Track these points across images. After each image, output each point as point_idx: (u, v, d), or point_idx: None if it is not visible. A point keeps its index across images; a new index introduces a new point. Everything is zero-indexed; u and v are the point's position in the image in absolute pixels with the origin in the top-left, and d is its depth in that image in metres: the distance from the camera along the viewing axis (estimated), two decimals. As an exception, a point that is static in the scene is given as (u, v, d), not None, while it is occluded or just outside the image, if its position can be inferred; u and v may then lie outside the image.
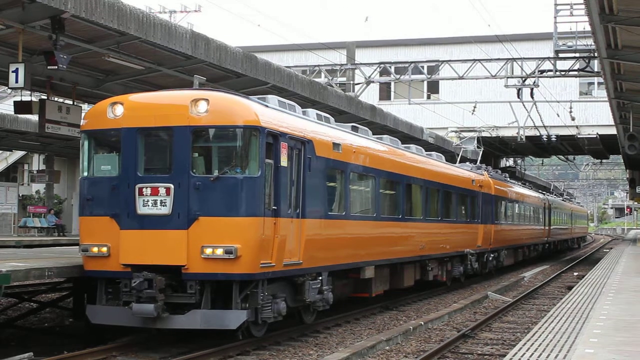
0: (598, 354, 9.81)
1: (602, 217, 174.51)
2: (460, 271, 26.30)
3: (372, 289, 18.71)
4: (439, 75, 36.89)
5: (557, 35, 33.79)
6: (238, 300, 12.91)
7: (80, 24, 15.56)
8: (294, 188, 14.17)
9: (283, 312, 14.00)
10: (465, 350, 14.96)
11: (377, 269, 18.49)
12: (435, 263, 23.62)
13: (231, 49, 19.86)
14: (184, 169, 13.03)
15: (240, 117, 13.17)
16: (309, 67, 35.85)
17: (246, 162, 13.15)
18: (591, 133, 45.53)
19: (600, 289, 18.79)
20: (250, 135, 13.11)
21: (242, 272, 12.79)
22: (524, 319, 19.79)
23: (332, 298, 15.92)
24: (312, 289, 14.94)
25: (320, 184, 15.29)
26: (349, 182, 16.78)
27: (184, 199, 12.91)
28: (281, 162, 13.65)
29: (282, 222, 13.64)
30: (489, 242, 29.58)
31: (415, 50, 48.58)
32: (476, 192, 28.15)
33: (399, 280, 20.67)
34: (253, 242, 12.89)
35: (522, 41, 45.21)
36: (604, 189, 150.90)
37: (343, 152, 16.33)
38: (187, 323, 12.79)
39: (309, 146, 14.72)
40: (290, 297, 14.62)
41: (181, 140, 13.08)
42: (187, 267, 12.80)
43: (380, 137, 20.56)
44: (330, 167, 15.80)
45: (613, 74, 23.61)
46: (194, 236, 12.80)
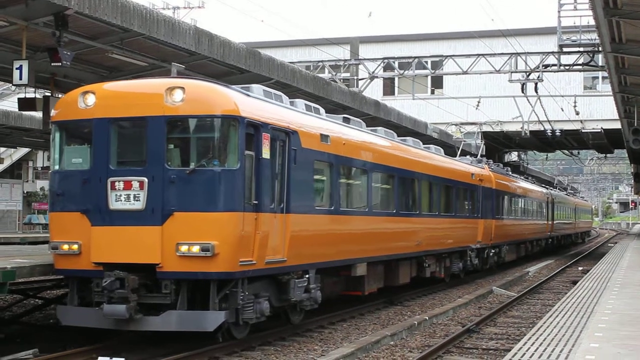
0: (603, 349, 9.81)
1: (607, 211, 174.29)
2: (460, 267, 25.79)
3: (365, 287, 18.09)
4: (442, 70, 36.84)
5: (561, 30, 33.73)
6: (216, 301, 12.25)
7: (84, 20, 15.55)
8: (278, 181, 13.51)
9: (266, 312, 13.35)
10: (470, 345, 14.97)
11: (370, 265, 17.79)
12: (433, 259, 22.98)
13: (235, 44, 19.84)
14: (158, 161, 12.39)
15: (218, 106, 12.52)
16: (313, 63, 35.86)
17: (224, 154, 12.47)
18: (595, 127, 45.46)
19: (605, 284, 18.78)
20: (229, 126, 12.45)
21: (219, 270, 12.17)
22: (528, 313, 19.78)
23: (320, 297, 15.26)
24: (297, 288, 14.28)
25: (307, 177, 14.64)
26: (339, 175, 16.12)
27: (158, 193, 12.26)
28: (263, 154, 12.96)
29: (264, 217, 12.96)
30: (490, 238, 29.06)
31: (419, 45, 48.51)
32: (476, 186, 27.56)
33: (394, 278, 20.04)
34: (232, 238, 12.25)
35: (526, 36, 45.13)
36: (608, 183, 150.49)
37: (332, 144, 15.64)
38: (162, 325, 12.21)
39: (294, 137, 14.03)
40: (275, 297, 13.97)
41: (155, 131, 12.45)
42: (162, 265, 12.18)
43: (375, 129, 19.95)
44: (317, 159, 15.10)
45: (617, 68, 23.57)
46: (169, 233, 12.17)
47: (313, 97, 24.16)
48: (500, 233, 30.89)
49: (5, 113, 30.79)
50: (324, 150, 15.29)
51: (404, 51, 45.41)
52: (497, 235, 30.21)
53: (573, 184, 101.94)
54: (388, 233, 19.14)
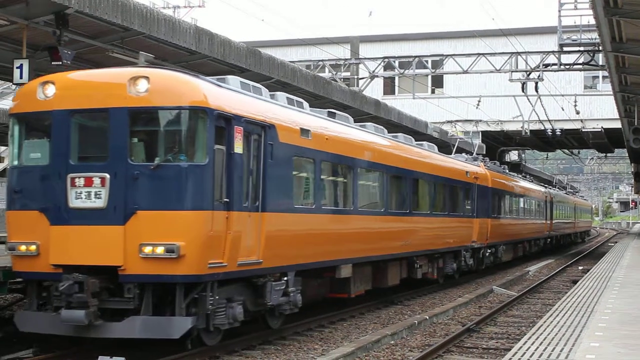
0: (603, 348, 9.81)
1: (607, 211, 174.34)
2: (454, 268, 25.01)
3: (352, 289, 17.33)
4: (443, 70, 36.82)
5: (562, 29, 33.72)
6: (183, 306, 11.45)
7: (84, 19, 15.57)
8: (252, 178, 12.69)
9: (240, 317, 12.57)
10: (470, 345, 14.97)
11: (356, 267, 17.02)
12: (425, 260, 22.15)
13: (235, 44, 19.86)
14: (121, 156, 11.58)
15: (185, 96, 11.70)
16: (313, 62, 35.84)
17: (192, 148, 11.70)
18: (596, 127, 45.45)
19: (605, 283, 18.79)
20: (197, 118, 11.67)
21: (186, 273, 11.36)
22: (529, 313, 19.78)
23: (300, 300, 14.49)
24: (275, 291, 13.46)
25: (285, 173, 13.78)
26: (321, 172, 15.27)
27: (121, 191, 11.47)
28: (235, 149, 12.17)
29: (236, 216, 12.17)
30: (486, 237, 28.28)
31: (420, 44, 48.50)
32: (471, 184, 26.77)
33: (382, 279, 19.20)
34: (199, 239, 11.47)
35: (526, 35, 45.13)
36: (608, 182, 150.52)
37: (313, 139, 14.78)
38: (124, 331, 11.38)
39: (271, 131, 13.21)
40: (250, 301, 13.20)
41: (118, 124, 11.64)
42: (124, 267, 11.38)
43: (364, 124, 19.24)
44: (297, 155, 14.24)
45: (618, 67, 23.59)
46: (132, 233, 11.37)
47: (313, 96, 24.17)
48: (497, 232, 30.19)
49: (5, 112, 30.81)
50: (304, 145, 14.48)
51: (404, 50, 45.41)
52: (494, 235, 29.50)
53: (573, 183, 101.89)
54: (376, 233, 18.32)
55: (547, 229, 44.94)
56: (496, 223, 30.07)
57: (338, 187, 16.58)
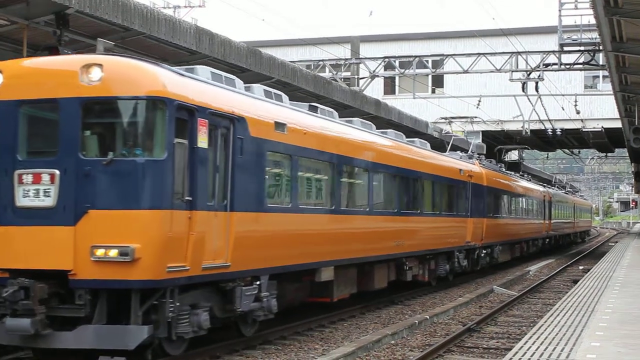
0: (604, 347, 9.82)
1: (608, 210, 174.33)
2: (446, 269, 24.13)
3: (334, 293, 16.46)
4: (443, 70, 36.80)
5: (562, 29, 33.72)
6: (139, 313, 10.54)
7: (85, 19, 15.57)
8: (219, 175, 11.83)
9: (205, 325, 11.72)
10: (470, 344, 14.97)
11: (338, 269, 16.17)
12: (415, 261, 21.29)
13: (235, 43, 19.87)
14: (72, 150, 10.69)
15: (142, 86, 10.85)
16: (314, 62, 35.83)
17: (149, 142, 10.83)
18: (596, 126, 45.43)
19: (605, 283, 18.80)
20: (155, 109, 10.80)
21: (142, 278, 10.46)
22: (529, 312, 19.79)
23: (275, 305, 13.55)
24: (245, 296, 12.54)
25: (257, 170, 12.87)
26: (298, 168, 14.33)
27: (71, 188, 10.59)
28: (199, 143, 11.30)
29: (200, 216, 11.29)
30: (481, 237, 27.48)
31: (420, 44, 48.49)
32: (465, 182, 25.85)
33: (368, 282, 18.40)
34: (156, 240, 10.57)
35: (526, 35, 45.11)
36: (609, 182, 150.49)
37: (289, 133, 13.87)
38: (75, 341, 10.44)
39: (241, 125, 12.33)
40: (218, 307, 12.31)
41: (69, 116, 10.75)
42: (74, 272, 10.47)
43: (350, 120, 18.37)
44: (271, 150, 13.34)
45: (618, 67, 23.61)
46: (83, 234, 10.48)
47: (314, 96, 24.19)
48: (493, 232, 29.33)
49: None
50: (279, 140, 13.58)
51: (404, 50, 45.43)
52: (489, 235, 28.64)
53: (573, 182, 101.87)
54: (361, 233, 17.38)
55: (545, 228, 44.38)
56: (492, 223, 29.32)
57: (318, 185, 15.73)
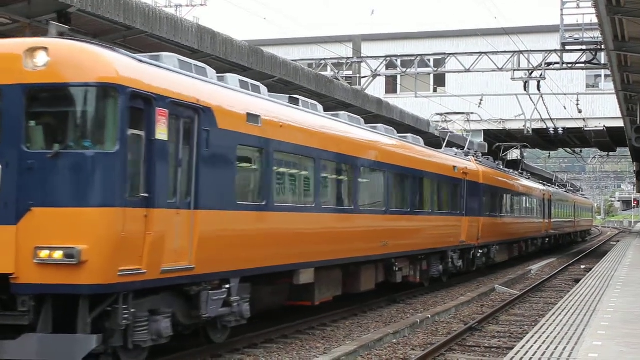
0: (606, 347, 9.81)
1: (609, 209, 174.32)
2: (440, 270, 23.21)
3: (315, 296, 15.52)
4: (445, 68, 36.79)
5: (564, 28, 33.70)
6: (87, 321, 9.65)
7: (87, 18, 15.58)
8: (182, 170, 10.95)
9: (167, 332, 10.85)
10: (472, 343, 14.97)
11: (320, 271, 15.25)
12: (406, 262, 20.36)
13: (237, 42, 19.88)
14: (14, 142, 9.81)
15: (92, 71, 9.94)
16: (315, 61, 35.82)
17: (99, 133, 9.94)
18: (598, 125, 45.41)
19: (607, 282, 18.79)
20: (106, 97, 9.90)
21: (90, 282, 9.55)
22: (531, 311, 19.78)
23: (247, 310, 12.73)
24: (212, 301, 11.65)
25: (226, 165, 12.00)
26: (274, 163, 13.40)
27: (13, 183, 9.71)
28: (157, 135, 10.40)
29: (159, 214, 10.39)
30: (477, 237, 26.56)
31: (422, 43, 48.47)
32: (459, 180, 24.83)
33: (354, 284, 17.46)
34: (106, 241, 9.67)
35: (528, 34, 45.04)
36: (611, 181, 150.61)
37: (264, 125, 12.93)
38: (18, 352, 9.54)
39: (207, 115, 11.44)
40: (183, 312, 11.42)
41: (11, 104, 9.90)
42: (16, 275, 9.56)
43: (337, 113, 17.65)
44: (242, 144, 12.43)
45: (620, 66, 23.60)
46: (26, 234, 9.62)
47: (316, 95, 24.20)
48: (489, 232, 28.39)
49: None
50: (252, 132, 12.63)
51: (406, 49, 45.45)
52: (486, 234, 27.67)
53: (575, 181, 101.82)
54: (345, 233, 16.39)
55: (545, 228, 43.69)
56: (488, 222, 28.39)
57: (296, 181, 14.69)
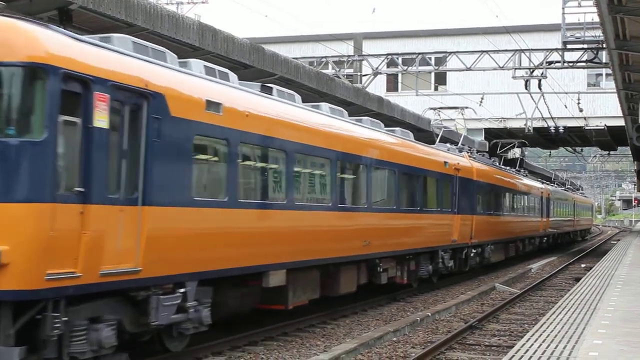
0: (606, 345, 9.82)
1: (610, 208, 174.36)
2: (429, 270, 22.07)
3: (289, 299, 14.48)
4: (446, 67, 36.79)
5: (565, 27, 33.71)
6: (10, 332, 8.61)
7: (88, 15, 15.57)
8: (127, 162, 9.86)
9: (110, 342, 9.76)
10: (472, 342, 14.97)
11: (293, 273, 14.23)
12: (391, 262, 19.27)
13: (238, 40, 19.88)
14: None
15: (18, 49, 8.89)
16: (316, 59, 35.83)
17: (25, 119, 8.89)
18: (599, 124, 45.39)
19: (608, 281, 18.79)
20: (34, 78, 8.85)
21: (12, 288, 8.53)
22: (531, 310, 19.79)
23: (207, 316, 11.63)
24: (164, 307, 10.53)
25: (181, 157, 10.87)
26: (238, 156, 12.28)
27: None
28: (95, 122, 9.34)
29: (97, 210, 9.36)
30: (470, 236, 25.49)
31: (423, 41, 48.46)
32: (451, 176, 23.63)
33: (333, 286, 16.38)
34: (31, 241, 8.64)
35: (530, 32, 45.06)
36: (611, 180, 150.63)
37: (225, 114, 11.86)
38: None
39: (158, 102, 10.31)
40: (130, 319, 10.27)
41: None
42: None
43: (317, 105, 16.58)
44: (200, 134, 11.31)
45: (621, 65, 23.59)
46: None
47: (317, 93, 24.21)
48: (483, 230, 27.25)
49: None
50: (212, 122, 11.57)
51: (407, 47, 45.43)
52: (479, 233, 26.55)
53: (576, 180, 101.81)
54: (321, 232, 15.35)
55: (543, 227, 42.87)
56: (482, 220, 27.27)
57: (265, 176, 13.47)
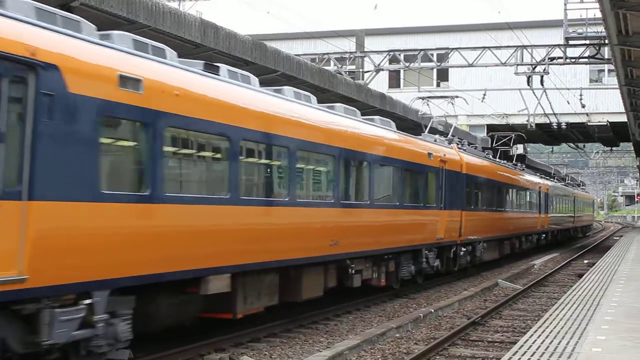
0: (610, 341, 9.83)
1: (613, 204, 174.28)
2: (412, 271, 20.41)
3: (237, 307, 12.69)
4: (448, 63, 36.77)
5: (568, 22, 33.65)
6: None
7: (90, 12, 15.54)
8: (5, 147, 8.19)
9: None
10: (475, 338, 14.97)
11: (243, 277, 12.60)
12: (367, 263, 17.60)
13: (240, 37, 19.87)
14: None
15: None
16: (318, 55, 35.83)
17: None
18: (601, 120, 45.41)
19: (611, 277, 18.80)
20: None
21: None
22: (534, 306, 19.78)
23: (127, 330, 9.89)
24: (60, 323, 8.74)
25: (83, 142, 9.07)
26: (164, 142, 10.52)
27: None
28: None
29: None
30: (459, 233, 23.93)
31: (425, 37, 48.45)
32: (436, 169, 21.85)
33: (294, 290, 14.63)
34: None
35: (532, 28, 45.00)
36: (614, 176, 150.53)
37: (147, 93, 10.12)
38: None
39: (50, 75, 8.59)
40: (16, 338, 8.58)
41: None
42: None
43: (280, 89, 14.79)
44: (110, 115, 9.57)
45: (624, 61, 23.56)
46: None
47: (319, 89, 24.19)
48: (473, 227, 25.64)
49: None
50: (127, 101, 9.82)
51: (409, 44, 45.38)
52: (469, 230, 24.99)
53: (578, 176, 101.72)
54: (274, 230, 13.35)
55: (541, 223, 41.48)
56: (472, 217, 25.60)
57: (201, 166, 11.98)
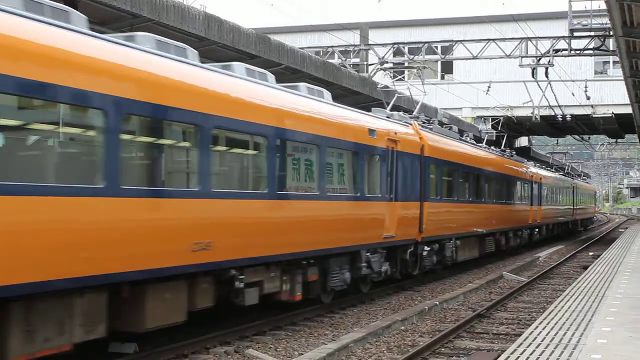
0: (615, 332, 9.83)
1: (618, 196, 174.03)
2: (346, 279, 16.17)
3: (10, 352, 8.37)
4: (453, 56, 36.70)
5: (572, 14, 33.58)
6: None
7: (94, 6, 15.56)
8: None
9: None
10: (480, 330, 14.98)
11: (37, 301, 8.63)
12: (269, 272, 13.29)
13: (244, 30, 19.86)
14: None
15: None
16: (322, 48, 35.78)
17: None
18: (606, 112, 45.31)
19: (616, 268, 18.79)
20: None
21: None
22: (539, 298, 19.78)
23: None
24: None
25: None
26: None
27: None
28: None
29: None
30: (418, 229, 20.01)
31: (429, 30, 48.34)
32: (381, 149, 17.63)
33: (132, 317, 10.49)
34: None
35: (536, 20, 44.92)
36: (619, 168, 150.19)
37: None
38: None
39: None
40: None
41: None
42: None
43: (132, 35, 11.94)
44: None
45: (629, 52, 23.48)
46: None
47: (323, 82, 24.17)
48: (440, 222, 21.76)
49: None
50: None
51: (413, 36, 45.32)
52: (434, 226, 21.00)
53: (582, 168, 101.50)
54: (87, 230, 9.07)
55: (533, 217, 37.52)
56: (439, 209, 21.73)
57: None
